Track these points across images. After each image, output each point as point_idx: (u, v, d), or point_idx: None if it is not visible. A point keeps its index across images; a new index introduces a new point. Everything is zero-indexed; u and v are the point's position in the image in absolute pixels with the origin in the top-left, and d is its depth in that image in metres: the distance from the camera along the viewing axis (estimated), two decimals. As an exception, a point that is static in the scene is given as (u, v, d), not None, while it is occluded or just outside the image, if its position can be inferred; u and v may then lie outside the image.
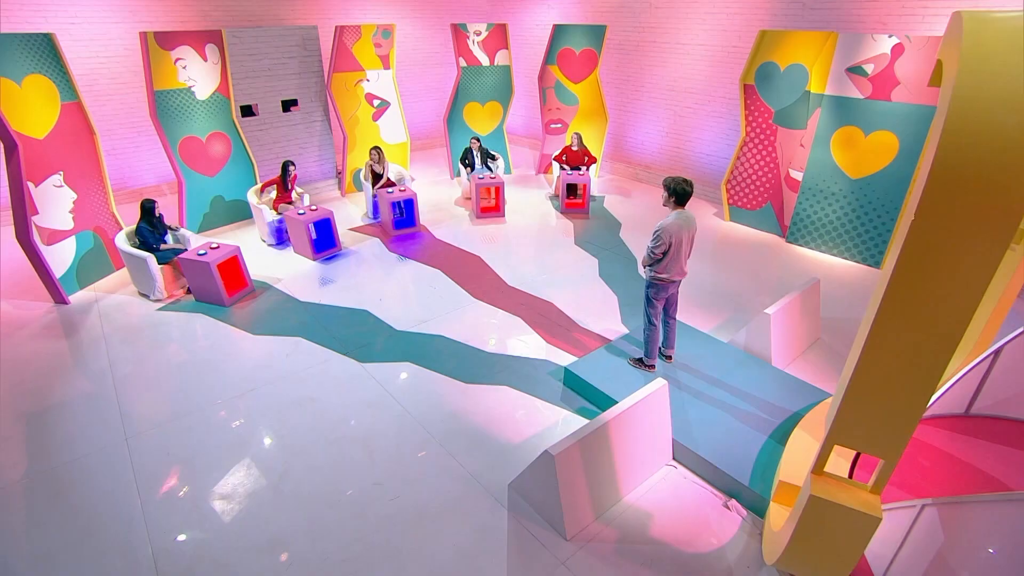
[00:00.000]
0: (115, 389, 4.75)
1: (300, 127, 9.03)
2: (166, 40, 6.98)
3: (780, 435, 4.01)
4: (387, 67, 9.16)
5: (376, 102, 9.23)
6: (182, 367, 5.03)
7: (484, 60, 9.82)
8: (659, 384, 3.87)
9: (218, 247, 6.06)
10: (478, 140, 9.03)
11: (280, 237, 7.45)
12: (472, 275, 6.74)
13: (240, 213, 8.23)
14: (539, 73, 9.98)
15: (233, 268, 6.08)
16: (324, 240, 7.16)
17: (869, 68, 6.22)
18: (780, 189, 7.72)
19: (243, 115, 8.22)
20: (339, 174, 9.68)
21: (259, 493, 3.73)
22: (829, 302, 6.00)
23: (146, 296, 6.18)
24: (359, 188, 9.55)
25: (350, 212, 8.75)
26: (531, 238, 7.92)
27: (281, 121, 8.79)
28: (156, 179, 9.32)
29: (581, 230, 8.18)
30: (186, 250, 6.27)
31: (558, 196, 9.44)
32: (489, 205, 8.75)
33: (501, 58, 9.93)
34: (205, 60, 7.39)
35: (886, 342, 2.22)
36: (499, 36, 9.77)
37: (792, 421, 4.12)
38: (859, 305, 6.09)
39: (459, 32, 9.47)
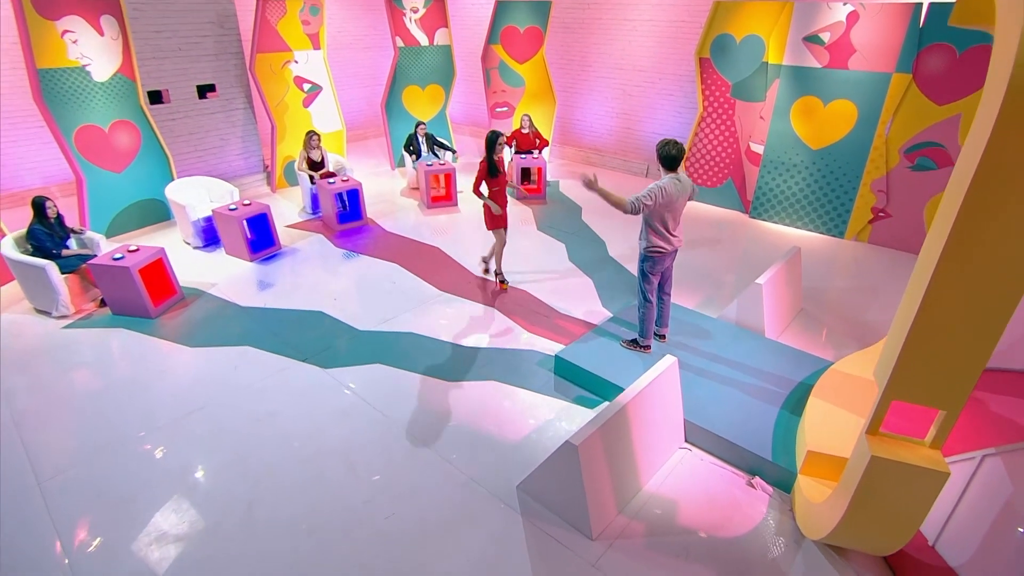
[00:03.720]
0: (16, 426, 4.05)
1: (220, 116, 8.30)
2: (49, 8, 6.10)
3: (792, 406, 3.99)
4: (317, 47, 8.60)
5: (307, 86, 8.64)
6: (103, 392, 4.37)
7: (423, 40, 9.46)
8: (669, 361, 3.75)
9: (138, 250, 5.38)
10: (424, 125, 8.66)
11: (208, 237, 6.77)
12: (434, 267, 6.40)
13: (155, 214, 7.43)
14: (482, 53, 9.73)
15: (158, 273, 5.42)
16: (261, 239, 6.57)
17: (825, 37, 6.46)
18: (741, 164, 7.91)
19: (150, 102, 7.42)
20: (267, 169, 9.00)
21: (225, 528, 3.25)
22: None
23: (47, 313, 5.38)
24: (291, 182, 8.92)
25: (285, 208, 8.14)
26: (491, 226, 7.66)
27: (197, 109, 8.04)
28: (42, 180, 8.22)
29: (541, 216, 8.02)
30: (95, 256, 5.54)
31: (512, 182, 9.24)
32: (440, 194, 8.41)
33: (441, 37, 9.60)
34: (102, 35, 6.57)
35: (950, 285, 2.16)
36: (438, 13, 9.44)
37: (800, 391, 4.13)
38: (830, 275, 6.30)
39: (394, 9, 9.05)
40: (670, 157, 4.05)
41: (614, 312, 5.39)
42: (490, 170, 5.39)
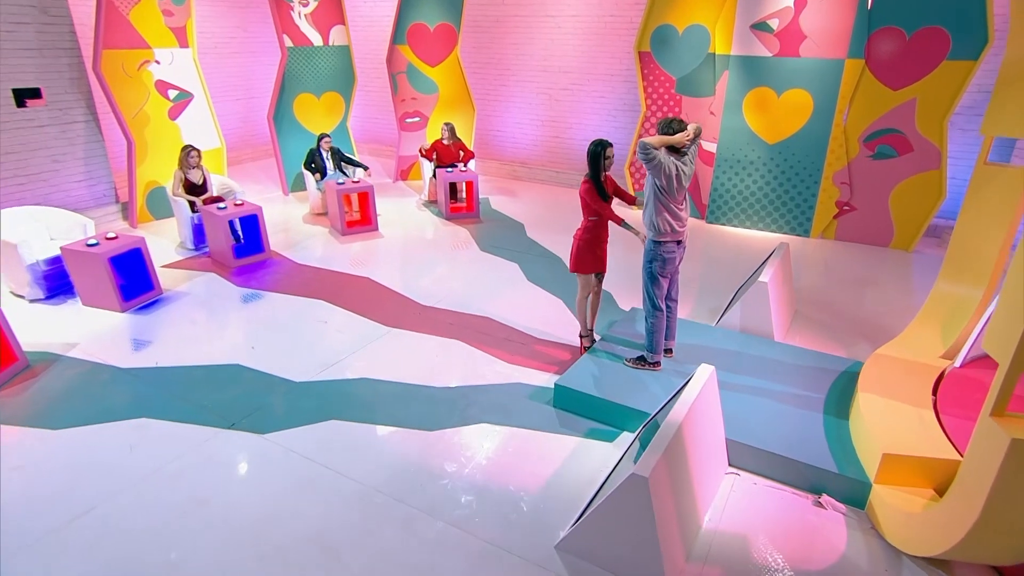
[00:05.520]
0: None
1: (50, 130, 7.27)
2: None
3: (834, 409, 4.01)
4: (185, 44, 7.89)
5: (173, 93, 7.87)
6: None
7: (316, 39, 9.05)
8: (707, 372, 3.63)
9: (-42, 303, 4.42)
10: (329, 138, 8.20)
11: (54, 285, 5.77)
12: (370, 300, 5.93)
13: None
14: (387, 55, 9.51)
15: (-9, 333, 4.48)
16: (134, 282, 5.72)
17: (774, 23, 6.98)
18: (692, 165, 8.23)
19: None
20: (119, 200, 8.00)
21: (165, 670, 2.57)
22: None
23: None
24: (158, 215, 7.99)
25: (156, 245, 7.20)
26: (425, 251, 7.34)
27: (15, 121, 6.96)
28: None
29: (481, 235, 7.80)
30: None
31: (434, 201, 8.99)
32: (355, 218, 7.94)
33: (337, 36, 9.25)
34: None
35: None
36: (333, 8, 9.10)
37: (836, 392, 4.18)
38: (806, 275, 6.64)
39: (280, 2, 8.60)
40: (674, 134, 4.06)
41: (601, 330, 5.24)
42: (599, 192, 4.53)
